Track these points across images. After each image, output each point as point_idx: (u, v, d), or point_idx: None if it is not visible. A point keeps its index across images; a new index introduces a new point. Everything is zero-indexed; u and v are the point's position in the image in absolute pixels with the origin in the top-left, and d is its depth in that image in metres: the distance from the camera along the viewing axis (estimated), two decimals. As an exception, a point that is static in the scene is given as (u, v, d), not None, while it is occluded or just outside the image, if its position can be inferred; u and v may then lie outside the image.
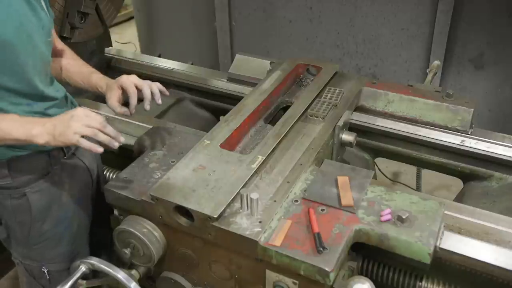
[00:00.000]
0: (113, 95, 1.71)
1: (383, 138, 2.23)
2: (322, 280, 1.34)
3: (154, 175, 1.68)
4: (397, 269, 1.67)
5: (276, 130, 1.82)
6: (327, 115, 1.98)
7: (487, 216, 1.64)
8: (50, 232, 1.71)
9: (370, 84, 2.26)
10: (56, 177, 1.68)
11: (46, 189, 1.65)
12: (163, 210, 1.53)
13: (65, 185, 1.71)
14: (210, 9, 4.08)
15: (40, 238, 1.71)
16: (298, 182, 1.63)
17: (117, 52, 3.16)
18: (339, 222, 1.46)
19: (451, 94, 2.13)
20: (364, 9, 3.58)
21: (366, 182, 1.61)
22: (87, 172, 1.82)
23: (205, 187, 1.53)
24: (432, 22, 3.40)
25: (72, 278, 1.59)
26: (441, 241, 1.49)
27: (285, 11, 3.85)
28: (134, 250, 1.61)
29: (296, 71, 2.34)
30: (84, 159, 1.79)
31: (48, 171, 1.65)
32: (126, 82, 1.71)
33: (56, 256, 1.77)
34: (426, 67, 3.33)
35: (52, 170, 1.66)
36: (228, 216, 1.47)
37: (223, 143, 1.75)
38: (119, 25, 6.36)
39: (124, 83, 1.70)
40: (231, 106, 2.09)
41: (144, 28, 4.71)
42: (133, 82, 1.71)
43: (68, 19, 2.46)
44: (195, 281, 1.70)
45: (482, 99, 3.48)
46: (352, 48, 3.78)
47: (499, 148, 2.03)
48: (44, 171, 1.64)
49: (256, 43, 4.09)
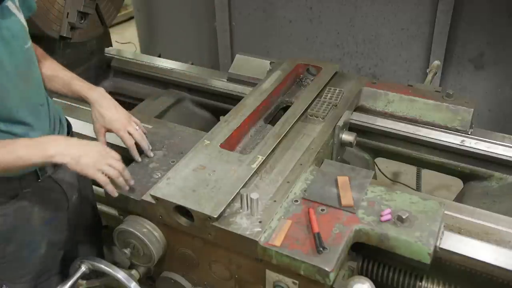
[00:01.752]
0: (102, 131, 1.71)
1: (383, 138, 2.23)
2: (322, 280, 1.34)
3: (154, 175, 1.68)
4: (397, 269, 1.66)
5: (276, 130, 1.82)
6: (327, 115, 1.98)
7: (487, 216, 1.64)
8: (13, 255, 1.61)
9: (370, 84, 2.26)
10: (25, 201, 1.58)
11: (12, 214, 1.55)
12: (163, 210, 1.53)
13: (35, 208, 1.61)
14: (210, 9, 4.08)
15: (2, 259, 1.61)
16: (298, 182, 1.63)
17: (117, 52, 3.16)
18: (339, 222, 1.46)
19: (451, 94, 2.13)
20: (364, 9, 3.58)
21: (366, 182, 1.61)
22: (63, 196, 1.70)
23: (205, 187, 1.53)
24: (432, 22, 3.40)
25: (72, 278, 1.59)
26: (441, 241, 1.49)
27: (285, 11, 3.85)
28: (134, 250, 1.61)
29: (296, 71, 2.34)
30: (61, 182, 1.68)
31: (16, 194, 1.55)
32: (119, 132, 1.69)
33: (18, 277, 1.67)
34: (426, 67, 3.33)
35: (21, 193, 1.56)
36: (228, 216, 1.47)
37: (223, 143, 1.75)
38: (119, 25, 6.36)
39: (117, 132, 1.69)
40: (231, 106, 2.09)
41: (144, 28, 4.70)
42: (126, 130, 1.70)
43: (68, 19, 2.46)
44: (195, 281, 1.70)
45: (482, 99, 3.48)
46: (352, 48, 3.78)
47: (499, 148, 2.03)
48: (12, 194, 1.55)
49: (256, 43, 4.09)
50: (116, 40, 5.39)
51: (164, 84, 2.94)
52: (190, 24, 4.33)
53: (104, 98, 1.70)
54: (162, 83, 2.94)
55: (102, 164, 1.47)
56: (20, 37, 1.44)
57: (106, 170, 1.48)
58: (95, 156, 1.47)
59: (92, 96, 1.69)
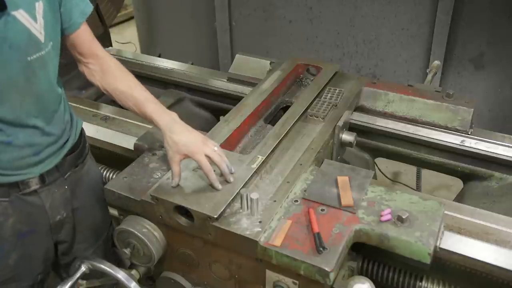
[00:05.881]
0: (177, 159, 1.56)
1: (383, 138, 2.23)
2: (322, 280, 1.34)
3: (154, 175, 1.68)
4: (397, 269, 1.67)
5: (276, 130, 1.82)
6: (327, 115, 1.98)
7: (487, 216, 1.64)
8: None
9: (370, 84, 2.26)
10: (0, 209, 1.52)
11: None
12: (163, 210, 1.53)
13: (10, 219, 1.54)
14: (210, 9, 4.08)
15: None
16: (298, 182, 1.63)
17: (117, 52, 3.16)
18: (339, 222, 1.46)
19: (451, 94, 2.14)
20: (364, 9, 3.58)
21: (366, 182, 1.61)
22: (45, 214, 1.61)
23: (205, 187, 1.53)
24: (432, 22, 3.40)
25: (72, 278, 1.59)
26: (441, 241, 1.49)
27: (285, 11, 3.85)
28: (134, 250, 1.61)
29: (296, 71, 2.34)
30: (46, 200, 1.59)
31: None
32: (198, 159, 1.54)
33: None
34: (426, 67, 3.34)
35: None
36: (228, 216, 1.47)
37: (223, 143, 1.75)
38: (119, 25, 6.36)
39: (197, 159, 1.54)
40: (231, 106, 2.09)
41: (144, 28, 4.71)
42: (206, 155, 1.54)
43: (68, 19, 2.45)
44: (195, 281, 1.70)
45: (482, 99, 3.49)
46: (352, 48, 3.78)
47: (499, 148, 2.03)
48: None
49: (256, 43, 4.09)
50: (116, 40, 5.39)
51: (164, 84, 2.94)
52: (190, 24, 4.33)
53: (175, 123, 1.59)
54: (162, 83, 2.94)
55: (210, 147, 1.53)
56: (21, 48, 1.36)
57: (211, 154, 1.51)
58: (202, 138, 1.55)
59: (163, 121, 1.58)
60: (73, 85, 2.84)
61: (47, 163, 1.57)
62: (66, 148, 1.63)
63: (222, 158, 1.56)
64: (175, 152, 1.55)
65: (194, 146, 1.54)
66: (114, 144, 2.10)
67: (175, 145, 1.55)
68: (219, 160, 1.54)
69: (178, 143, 1.54)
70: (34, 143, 1.51)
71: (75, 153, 1.68)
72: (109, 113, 2.28)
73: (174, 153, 1.55)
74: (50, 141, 1.56)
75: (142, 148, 1.87)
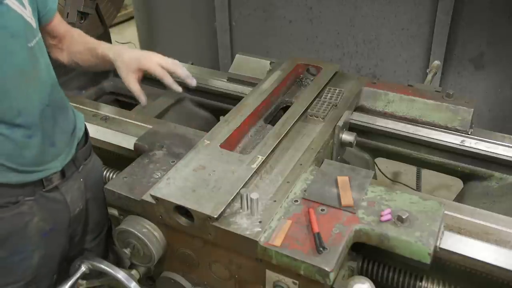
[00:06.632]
0: (132, 78, 1.57)
1: (383, 138, 2.23)
2: (322, 280, 1.34)
3: (154, 175, 1.68)
4: (397, 269, 1.67)
5: (276, 130, 1.82)
6: (327, 115, 1.98)
7: (487, 216, 1.64)
8: (3, 261, 1.54)
9: (370, 84, 2.26)
10: (25, 208, 1.51)
11: (8, 219, 1.49)
12: (163, 210, 1.53)
13: (34, 218, 1.54)
14: (210, 9, 4.08)
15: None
16: (298, 182, 1.63)
17: (117, 52, 3.16)
18: (339, 222, 1.46)
19: (451, 94, 2.14)
20: (364, 9, 3.58)
21: (366, 182, 1.61)
22: (66, 208, 1.64)
23: (205, 187, 1.53)
24: (432, 22, 3.40)
25: (72, 278, 1.59)
26: (441, 241, 1.49)
27: (285, 11, 3.85)
28: (134, 250, 1.61)
29: (296, 71, 2.34)
30: (67, 195, 1.62)
31: (17, 201, 1.49)
32: (150, 67, 1.55)
33: (5, 284, 1.58)
34: (426, 67, 3.34)
35: (22, 200, 1.50)
36: (228, 216, 1.47)
37: (223, 143, 1.75)
38: (119, 25, 6.37)
39: (148, 67, 1.56)
40: (231, 106, 2.09)
41: (144, 28, 4.71)
42: (158, 63, 1.57)
43: (68, 19, 2.45)
44: (195, 281, 1.70)
45: (482, 99, 3.49)
46: (352, 48, 3.78)
47: (499, 148, 2.03)
48: (12, 200, 1.49)
49: (256, 43, 4.09)
50: (116, 40, 5.39)
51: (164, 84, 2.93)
52: (190, 24, 4.33)
53: (123, 49, 1.62)
54: (162, 83, 2.93)
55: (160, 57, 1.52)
56: (21, 35, 1.38)
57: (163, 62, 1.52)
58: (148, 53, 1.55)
59: (112, 51, 1.61)
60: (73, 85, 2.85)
61: (65, 156, 1.59)
62: (76, 137, 1.66)
63: (175, 62, 1.58)
64: (128, 71, 1.56)
65: (143, 58, 1.57)
66: (114, 144, 2.10)
67: (124, 65, 1.56)
68: (173, 67, 1.57)
69: (127, 60, 1.56)
70: (49, 133, 1.52)
71: (86, 146, 1.73)
72: (109, 113, 2.28)
73: (127, 72, 1.56)
74: (62, 129, 1.58)
75: (142, 148, 1.87)
